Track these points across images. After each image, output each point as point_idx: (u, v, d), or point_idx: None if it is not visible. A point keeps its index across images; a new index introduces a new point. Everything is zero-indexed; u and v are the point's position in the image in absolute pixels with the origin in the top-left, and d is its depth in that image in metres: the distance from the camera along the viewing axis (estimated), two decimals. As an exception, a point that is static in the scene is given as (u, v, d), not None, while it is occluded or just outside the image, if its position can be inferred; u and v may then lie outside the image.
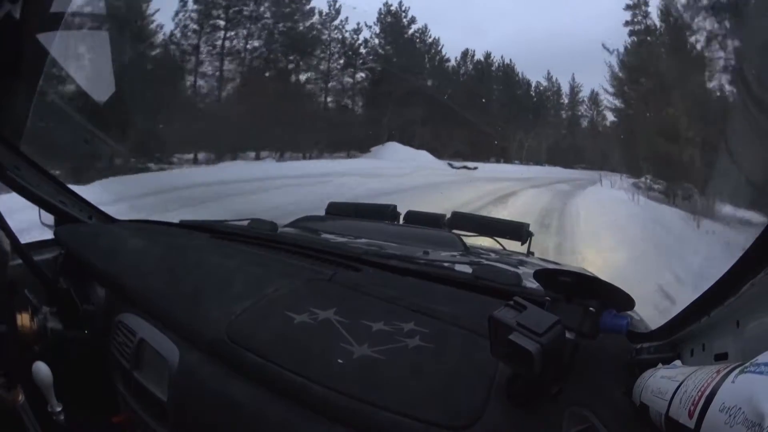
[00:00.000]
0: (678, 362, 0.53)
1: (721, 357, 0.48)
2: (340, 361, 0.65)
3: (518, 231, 1.51)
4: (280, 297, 0.83)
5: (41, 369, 0.82)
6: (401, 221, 1.54)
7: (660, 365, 0.54)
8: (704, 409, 0.36)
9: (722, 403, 0.34)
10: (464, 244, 1.31)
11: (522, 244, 1.54)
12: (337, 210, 1.61)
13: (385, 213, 1.54)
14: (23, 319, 0.85)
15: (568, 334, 0.57)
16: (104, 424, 0.90)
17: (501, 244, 1.56)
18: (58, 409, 0.84)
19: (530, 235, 1.53)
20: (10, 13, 0.90)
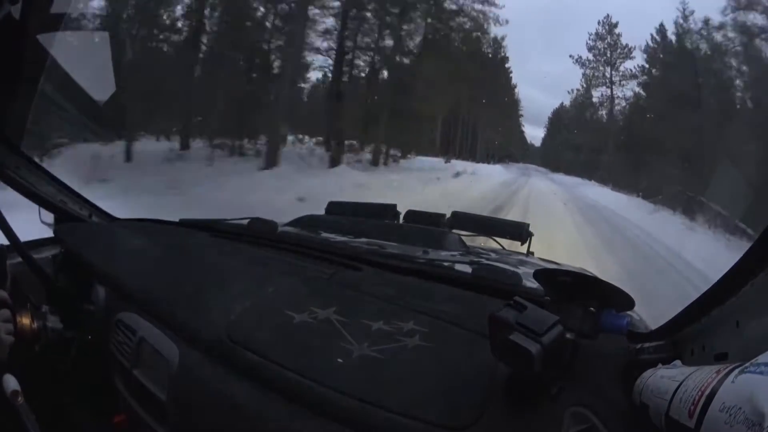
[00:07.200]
0: (678, 362, 0.53)
1: (721, 357, 0.49)
2: (339, 360, 0.65)
3: (518, 231, 1.51)
4: (279, 296, 0.83)
5: (10, 382, 0.72)
6: (401, 220, 1.54)
7: (660, 365, 0.54)
8: (704, 409, 0.36)
9: (722, 402, 0.34)
10: (464, 243, 1.31)
11: (522, 244, 1.54)
12: (338, 209, 1.61)
13: (385, 212, 1.54)
14: (23, 318, 0.85)
15: (568, 334, 0.57)
16: (104, 424, 0.90)
17: (501, 245, 1.56)
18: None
19: (530, 234, 1.52)
20: (10, 13, 0.90)
